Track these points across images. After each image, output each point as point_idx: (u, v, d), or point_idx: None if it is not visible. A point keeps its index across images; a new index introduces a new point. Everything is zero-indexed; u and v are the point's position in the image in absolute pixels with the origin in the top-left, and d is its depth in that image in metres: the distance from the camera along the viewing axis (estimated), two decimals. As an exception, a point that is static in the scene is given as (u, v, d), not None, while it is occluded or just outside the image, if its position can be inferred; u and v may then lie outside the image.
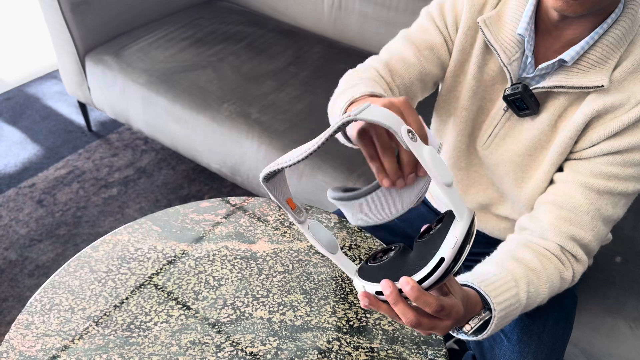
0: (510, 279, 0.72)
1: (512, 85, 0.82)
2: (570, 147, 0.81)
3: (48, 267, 1.66)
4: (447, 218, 0.54)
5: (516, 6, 0.81)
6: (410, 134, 0.50)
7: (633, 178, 0.77)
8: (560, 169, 0.84)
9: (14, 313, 1.55)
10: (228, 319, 0.82)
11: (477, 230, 1.02)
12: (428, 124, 1.01)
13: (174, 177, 1.98)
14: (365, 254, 0.93)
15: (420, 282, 0.54)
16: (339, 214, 1.04)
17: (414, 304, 0.56)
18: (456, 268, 0.54)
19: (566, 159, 0.83)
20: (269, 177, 0.57)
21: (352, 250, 0.94)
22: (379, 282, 0.56)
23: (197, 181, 1.97)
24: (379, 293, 0.57)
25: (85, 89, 1.94)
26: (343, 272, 0.90)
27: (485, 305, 0.69)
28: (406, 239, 1.09)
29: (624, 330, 1.10)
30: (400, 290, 0.55)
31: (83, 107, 2.13)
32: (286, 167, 0.53)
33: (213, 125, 1.62)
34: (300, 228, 0.60)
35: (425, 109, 0.94)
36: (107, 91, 1.85)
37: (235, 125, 1.59)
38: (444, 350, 0.79)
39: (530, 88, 0.80)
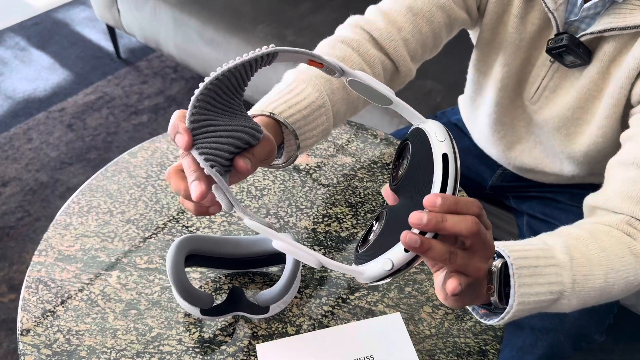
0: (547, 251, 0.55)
1: (556, 35, 0.73)
2: (625, 96, 0.71)
3: (80, 189, 1.66)
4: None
5: None
6: None
7: None
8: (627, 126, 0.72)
9: (47, 233, 1.55)
10: (271, 227, 0.79)
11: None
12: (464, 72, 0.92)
13: (204, 106, 1.94)
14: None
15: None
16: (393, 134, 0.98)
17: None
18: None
19: (630, 114, 0.71)
20: None
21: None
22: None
23: (228, 110, 1.92)
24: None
25: (115, 12, 1.88)
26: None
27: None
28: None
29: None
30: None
31: (112, 34, 2.08)
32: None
33: (247, 48, 1.56)
34: None
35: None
36: (137, 13, 1.79)
37: (270, 48, 1.52)
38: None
39: (578, 35, 0.71)
